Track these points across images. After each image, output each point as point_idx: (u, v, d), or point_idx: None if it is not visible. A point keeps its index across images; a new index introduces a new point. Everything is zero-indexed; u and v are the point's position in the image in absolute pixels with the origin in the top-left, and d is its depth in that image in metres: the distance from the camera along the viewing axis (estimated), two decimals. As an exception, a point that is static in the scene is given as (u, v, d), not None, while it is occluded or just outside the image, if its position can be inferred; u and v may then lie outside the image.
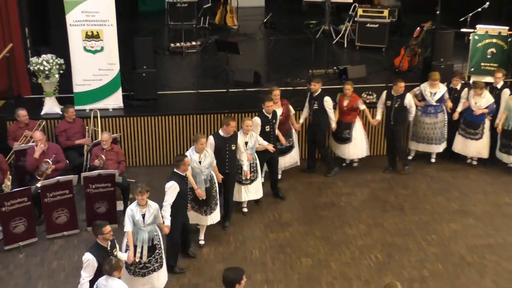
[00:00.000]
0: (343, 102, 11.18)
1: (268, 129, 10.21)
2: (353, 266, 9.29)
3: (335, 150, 11.82)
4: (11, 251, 9.49)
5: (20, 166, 10.29)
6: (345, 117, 11.27)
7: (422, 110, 11.50)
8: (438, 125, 11.52)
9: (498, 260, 9.42)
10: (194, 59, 14.47)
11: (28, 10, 12.46)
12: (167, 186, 8.17)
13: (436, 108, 11.43)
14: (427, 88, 11.42)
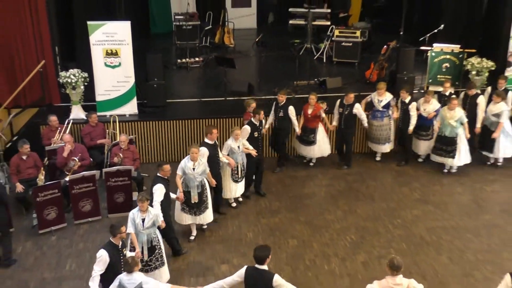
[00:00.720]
0: (308, 111, 11.17)
1: (256, 135, 10.24)
2: (331, 246, 9.32)
3: (299, 151, 11.77)
4: (45, 235, 9.50)
5: (51, 163, 10.27)
6: (309, 123, 11.26)
7: (372, 115, 11.53)
8: (384, 127, 11.54)
9: (452, 239, 9.49)
10: (197, 72, 14.45)
11: (57, 31, 12.45)
12: (155, 188, 8.13)
13: (382, 113, 11.45)
14: (376, 96, 11.45)
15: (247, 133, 10.13)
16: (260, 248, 6.37)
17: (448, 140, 10.84)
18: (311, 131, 11.29)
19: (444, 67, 12.91)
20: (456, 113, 10.64)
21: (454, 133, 10.74)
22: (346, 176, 11.45)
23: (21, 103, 11.94)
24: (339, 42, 14.71)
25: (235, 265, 8.87)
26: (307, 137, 11.35)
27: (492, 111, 11.04)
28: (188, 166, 8.78)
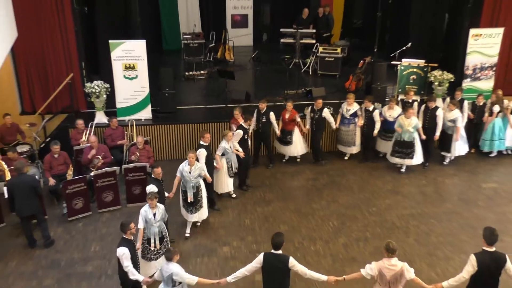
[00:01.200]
0: (285, 116, 11.21)
1: (246, 137, 10.32)
2: (317, 231, 9.39)
3: (279, 150, 11.79)
4: (73, 222, 9.57)
5: (78, 161, 10.31)
6: (287, 127, 11.29)
7: (341, 121, 11.52)
8: (350, 133, 11.57)
9: (418, 224, 9.57)
10: (202, 83, 14.47)
11: (84, 49, 12.45)
12: (148, 188, 8.05)
13: (350, 120, 11.47)
14: (345, 106, 11.46)
15: (239, 136, 10.18)
16: (277, 235, 6.40)
17: (407, 144, 10.84)
18: (288, 133, 11.35)
19: (411, 79, 12.95)
20: (412, 121, 10.66)
21: (412, 138, 10.76)
22: (329, 171, 11.51)
23: (52, 110, 11.95)
24: (323, 58, 14.75)
25: (234, 247, 8.95)
26: (285, 138, 11.41)
27: (448, 117, 11.10)
28: (185, 169, 8.76)
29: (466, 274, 6.34)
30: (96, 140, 10.15)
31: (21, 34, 11.52)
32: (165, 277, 6.37)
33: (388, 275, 6.24)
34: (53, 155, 9.90)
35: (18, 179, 8.55)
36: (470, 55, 12.59)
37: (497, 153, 12.11)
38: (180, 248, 8.84)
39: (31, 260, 8.56)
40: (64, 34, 11.87)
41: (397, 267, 6.23)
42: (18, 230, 9.32)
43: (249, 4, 17.29)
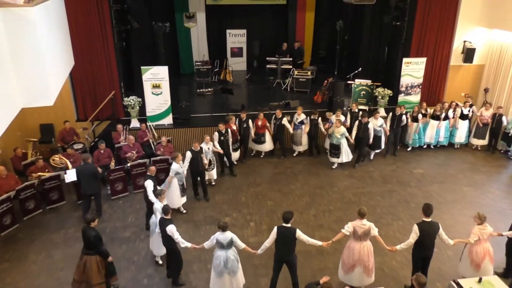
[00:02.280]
0: (258, 123, 10.99)
1: (222, 138, 10.01)
2: (294, 205, 9.33)
3: (255, 148, 11.47)
4: (115, 200, 9.48)
5: (118, 155, 10.15)
6: (259, 130, 11.05)
7: (294, 127, 11.28)
8: (298, 135, 11.32)
9: (367, 200, 9.55)
10: (210, 97, 14.34)
11: (122, 73, 12.30)
12: (146, 183, 7.69)
13: (298, 126, 11.25)
14: (296, 116, 11.24)
15: (217, 138, 9.93)
16: (286, 212, 6.35)
17: (335, 146, 10.64)
18: (261, 135, 11.12)
19: (362, 94, 12.91)
20: (341, 130, 10.46)
21: (339, 142, 10.52)
22: (303, 161, 11.40)
23: (99, 118, 11.78)
24: (297, 78, 14.66)
25: (234, 217, 8.88)
26: (259, 139, 11.17)
27: (377, 124, 10.90)
28: (177, 167, 8.56)
29: (412, 239, 6.35)
30: (133, 139, 10.02)
31: (77, 62, 11.40)
32: (226, 243, 6.22)
33: (359, 231, 6.37)
34: (100, 151, 9.75)
35: (83, 167, 8.52)
36: (403, 77, 12.55)
37: (418, 147, 12.03)
38: (194, 219, 8.78)
39: (84, 228, 8.44)
40: (108, 62, 11.73)
41: (366, 226, 6.39)
42: (75, 206, 9.23)
43: (244, 40, 17.26)
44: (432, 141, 12.01)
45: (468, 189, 9.99)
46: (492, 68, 12.63)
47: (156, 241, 7.17)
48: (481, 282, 6.07)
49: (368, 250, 6.44)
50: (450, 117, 11.84)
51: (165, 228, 6.43)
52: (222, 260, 6.26)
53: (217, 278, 6.36)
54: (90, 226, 6.45)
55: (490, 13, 12.14)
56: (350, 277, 6.57)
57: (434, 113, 11.80)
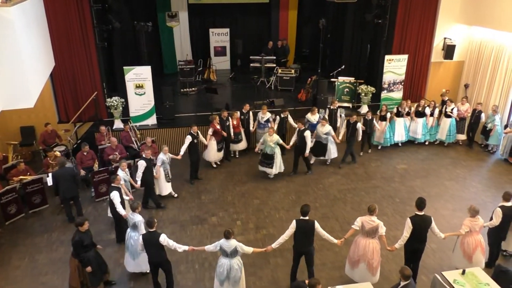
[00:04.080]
0: (234, 122, 10.88)
1: (195, 141, 9.83)
2: (280, 203, 9.37)
3: (233, 148, 11.27)
4: (99, 202, 9.36)
5: (102, 157, 10.03)
6: (236, 130, 10.95)
7: (258, 126, 11.23)
8: (262, 134, 10.91)
9: (352, 196, 9.63)
10: (194, 97, 14.28)
11: (104, 73, 12.17)
12: (112, 196, 7.35)
13: (264, 125, 11.08)
14: (260, 114, 11.15)
15: (189, 141, 9.67)
16: (304, 206, 6.40)
17: (269, 156, 10.01)
18: (238, 134, 11.03)
19: (345, 91, 13.02)
20: (274, 138, 9.95)
21: (273, 151, 9.94)
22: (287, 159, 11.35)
23: (82, 119, 11.64)
24: (281, 77, 14.71)
25: (220, 217, 8.86)
26: (236, 138, 11.04)
27: (322, 131, 10.46)
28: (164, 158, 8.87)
29: (407, 233, 6.44)
30: (115, 141, 9.91)
31: (57, 62, 11.21)
32: (230, 252, 6.07)
33: (367, 227, 6.42)
34: (83, 152, 9.62)
35: (61, 171, 8.40)
36: (386, 74, 12.70)
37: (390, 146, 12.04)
38: (180, 219, 8.74)
39: (69, 231, 8.29)
40: (90, 62, 11.57)
41: (374, 223, 6.42)
42: (58, 209, 9.09)
43: (227, 39, 17.22)
44: (402, 138, 12.03)
45: (450, 183, 10.18)
46: (471, 64, 12.88)
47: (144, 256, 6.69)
48: (465, 274, 6.20)
49: (373, 248, 6.46)
50: (427, 114, 11.94)
51: (157, 241, 6.18)
52: (225, 268, 6.12)
53: (220, 286, 6.25)
54: (78, 229, 6.33)
55: (469, 10, 12.38)
56: (355, 272, 6.62)
57: (416, 109, 11.98)
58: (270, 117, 11.18)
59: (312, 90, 13.61)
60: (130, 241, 6.83)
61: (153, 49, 15.06)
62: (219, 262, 6.22)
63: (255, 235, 8.17)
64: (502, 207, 6.90)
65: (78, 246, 6.31)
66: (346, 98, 12.84)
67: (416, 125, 12.02)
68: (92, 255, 6.49)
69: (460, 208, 8.87)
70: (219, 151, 10.77)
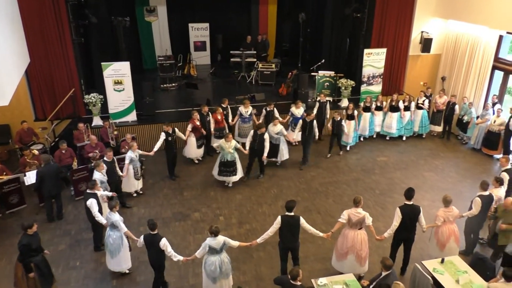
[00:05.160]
0: (218, 117, 10.68)
1: (170, 139, 9.64)
2: (262, 197, 9.39)
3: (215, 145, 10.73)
4: (79, 200, 9.12)
5: (81, 154, 9.84)
6: (218, 125, 10.76)
7: (241, 120, 11.11)
8: (247, 128, 11.07)
9: (334, 189, 9.72)
10: (174, 93, 14.16)
11: (82, 69, 11.95)
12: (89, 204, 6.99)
13: (247, 119, 11.08)
14: (243, 108, 11.02)
15: (163, 138, 9.54)
16: (289, 201, 6.39)
17: (230, 163, 9.30)
18: (222, 128, 10.84)
19: (325, 85, 13.10)
20: (232, 144, 9.21)
21: (233, 157, 9.32)
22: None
23: (59, 116, 11.40)
24: (262, 71, 14.70)
25: (203, 212, 8.82)
26: (220, 132, 10.78)
27: (274, 131, 10.16)
28: (133, 155, 8.79)
29: (396, 222, 6.54)
30: (95, 138, 9.71)
31: (33, 59, 10.94)
32: (219, 248, 6.01)
33: (354, 219, 6.45)
34: (62, 151, 9.41)
35: (47, 167, 8.26)
36: (365, 68, 12.82)
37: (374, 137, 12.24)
38: (162, 215, 8.67)
39: (48, 231, 8.18)
40: (66, 58, 11.33)
41: (361, 214, 6.47)
42: (37, 209, 8.90)
43: (207, 33, 17.09)
44: (365, 133, 12.00)
45: (429, 174, 10.37)
46: (448, 57, 13.11)
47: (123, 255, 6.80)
48: (444, 263, 6.34)
49: (362, 239, 6.53)
50: (402, 109, 11.89)
51: (158, 244, 6.09)
52: (217, 265, 6.04)
53: (212, 284, 6.17)
54: (26, 233, 6.10)
55: (446, 4, 12.58)
56: (343, 264, 6.65)
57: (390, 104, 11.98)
58: (251, 110, 11.12)
59: (292, 84, 13.65)
60: (109, 240, 6.74)
61: (131, 45, 14.83)
62: (207, 261, 6.10)
63: (238, 230, 8.16)
64: (480, 196, 7.08)
65: (25, 250, 6.08)
66: (326, 92, 12.92)
67: (390, 120, 12.04)
68: (39, 259, 6.28)
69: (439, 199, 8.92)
70: (198, 148, 10.65)
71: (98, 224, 7.19)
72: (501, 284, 5.59)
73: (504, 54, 11.95)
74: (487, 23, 11.17)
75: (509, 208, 6.45)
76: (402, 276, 6.92)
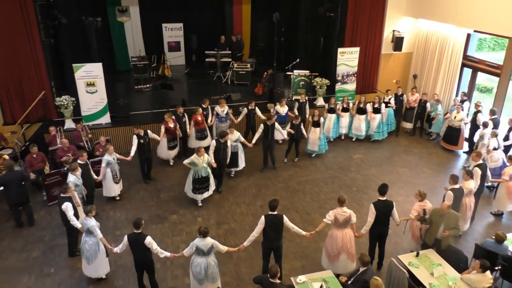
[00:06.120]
0: (198, 118, 10.56)
1: (142, 141, 9.48)
2: (240, 197, 9.39)
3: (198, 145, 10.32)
4: (52, 206, 8.91)
5: (53, 159, 9.60)
6: (199, 126, 10.68)
7: (218, 120, 11.02)
8: (224, 128, 10.86)
9: (311, 187, 9.80)
10: (149, 94, 13.99)
11: (52, 71, 11.64)
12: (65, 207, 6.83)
13: (224, 119, 11.01)
14: (219, 108, 10.96)
15: (137, 141, 9.34)
16: (273, 201, 6.35)
17: (204, 178, 8.67)
18: (203, 129, 10.77)
19: (301, 84, 13.21)
20: (205, 158, 8.72)
21: (207, 172, 8.70)
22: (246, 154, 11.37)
23: (30, 120, 11.10)
24: (237, 71, 14.70)
25: (181, 214, 8.74)
26: (202, 134, 10.76)
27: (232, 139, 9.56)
28: (110, 158, 8.68)
29: (371, 218, 6.65)
30: (67, 142, 9.47)
31: (0, 61, 10.61)
32: (206, 250, 5.96)
33: (341, 219, 6.45)
34: (32, 155, 9.14)
35: (9, 175, 7.99)
36: (339, 66, 13.00)
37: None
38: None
39: (20, 238, 7.95)
40: (36, 60, 11.02)
41: (347, 213, 6.47)
42: (6, 216, 8.62)
43: (181, 34, 16.96)
44: (329, 134, 11.89)
45: (403, 170, 10.60)
46: (419, 55, 13.44)
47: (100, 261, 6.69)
48: (419, 256, 6.49)
49: (350, 237, 6.56)
50: (369, 111, 11.89)
51: (143, 242, 6.03)
52: (202, 267, 6.02)
53: (199, 285, 6.14)
54: None
55: (415, 3, 12.89)
56: (336, 265, 6.63)
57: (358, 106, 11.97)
58: (228, 110, 11.08)
59: (268, 84, 13.70)
60: (85, 246, 6.60)
61: (103, 45, 14.55)
62: (194, 262, 6.08)
63: (216, 231, 8.13)
64: (452, 190, 7.29)
65: None
66: (302, 91, 13.00)
67: (359, 122, 12.00)
68: None
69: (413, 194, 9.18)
70: (170, 149, 10.47)
71: (73, 228, 7.04)
72: (474, 276, 5.79)
73: (472, 52, 12.35)
74: (454, 22, 11.51)
75: (445, 212, 6.46)
76: (378, 271, 7.05)
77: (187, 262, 6.69)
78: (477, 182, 7.90)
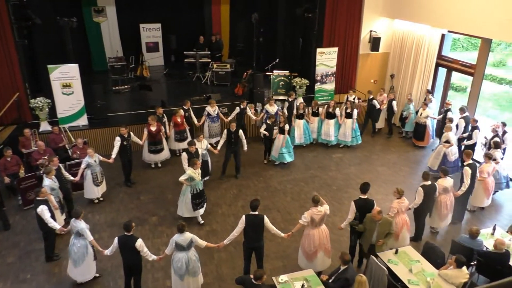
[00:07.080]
0: (177, 119, 10.51)
1: (125, 143, 9.32)
2: (222, 198, 9.37)
3: (178, 147, 10.89)
4: (28, 210, 8.71)
5: (28, 162, 9.36)
6: (180, 127, 10.63)
7: (210, 120, 11.09)
8: (216, 127, 11.14)
9: (292, 187, 9.84)
10: (127, 95, 13.81)
11: (27, 73, 11.41)
12: (40, 211, 6.72)
13: (216, 118, 11.10)
14: (210, 108, 11.00)
15: (119, 142, 9.16)
16: (254, 200, 6.34)
17: (202, 192, 8.20)
18: (183, 131, 10.74)
19: (280, 85, 13.25)
20: (199, 169, 8.27)
21: (202, 185, 8.22)
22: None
23: (4, 122, 10.82)
24: (217, 72, 14.66)
25: (161, 216, 8.66)
26: (182, 136, 10.72)
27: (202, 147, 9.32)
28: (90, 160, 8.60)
29: (351, 216, 6.74)
30: (43, 144, 9.26)
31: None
32: (186, 245, 6.00)
33: (317, 218, 6.46)
34: (7, 158, 8.89)
35: None
36: (318, 67, 13.10)
37: None
38: (119, 221, 8.42)
39: (-5, 243, 7.72)
40: (9, 61, 10.76)
41: (321, 212, 6.49)
42: (-19, 221, 8.36)
43: (159, 34, 16.81)
44: (301, 140, 11.69)
45: (382, 169, 10.76)
46: (396, 55, 13.67)
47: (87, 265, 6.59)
48: (398, 253, 6.60)
49: (326, 234, 6.63)
50: (338, 115, 11.67)
51: (133, 245, 6.00)
52: (184, 262, 6.04)
53: (180, 281, 6.13)
54: None
55: (391, 4, 13.12)
56: (314, 263, 6.66)
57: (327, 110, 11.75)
58: (218, 110, 11.08)
59: (248, 84, 13.71)
60: (73, 248, 6.50)
61: (79, 46, 14.32)
62: (175, 258, 6.12)
63: (198, 232, 8.07)
64: (423, 186, 7.50)
65: None
66: (281, 91, 13.08)
67: (328, 127, 11.75)
68: None
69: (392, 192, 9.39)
70: (151, 153, 10.35)
71: (50, 232, 6.89)
72: (451, 271, 5.92)
73: (447, 52, 12.64)
74: (429, 22, 11.77)
75: (377, 219, 6.48)
76: (359, 269, 7.13)
77: (168, 264, 6.66)
78: (467, 181, 8.11)
